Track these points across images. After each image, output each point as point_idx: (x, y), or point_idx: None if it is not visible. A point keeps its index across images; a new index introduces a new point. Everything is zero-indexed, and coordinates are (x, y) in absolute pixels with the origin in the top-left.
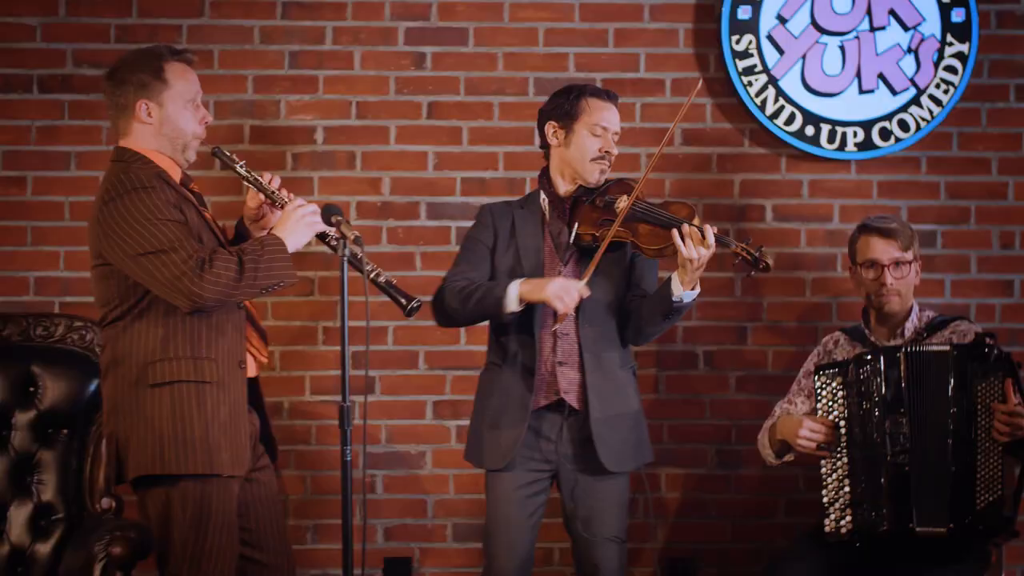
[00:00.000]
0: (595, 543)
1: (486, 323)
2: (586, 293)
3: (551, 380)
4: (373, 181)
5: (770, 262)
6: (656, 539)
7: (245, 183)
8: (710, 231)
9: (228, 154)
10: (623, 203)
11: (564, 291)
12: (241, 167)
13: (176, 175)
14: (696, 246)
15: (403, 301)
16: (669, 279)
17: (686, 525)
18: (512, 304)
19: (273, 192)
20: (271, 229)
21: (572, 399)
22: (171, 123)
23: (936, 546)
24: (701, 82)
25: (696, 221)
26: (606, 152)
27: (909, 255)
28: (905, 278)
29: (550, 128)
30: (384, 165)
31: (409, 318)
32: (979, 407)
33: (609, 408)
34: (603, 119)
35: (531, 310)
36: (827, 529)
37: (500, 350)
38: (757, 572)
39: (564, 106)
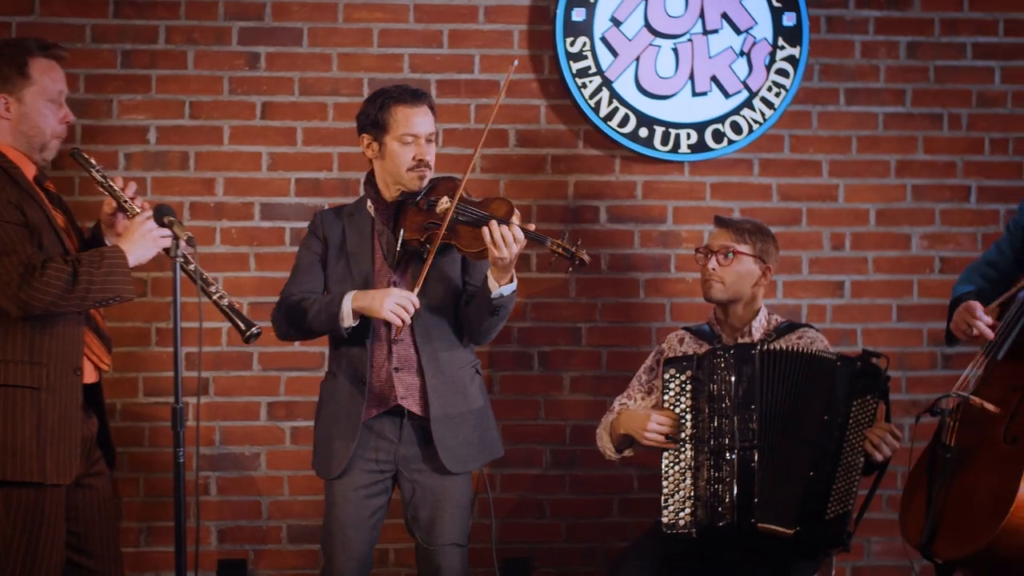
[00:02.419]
0: (437, 550)
1: None
2: (418, 304)
3: (387, 388)
4: (207, 181)
5: (585, 258)
6: (492, 539)
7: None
8: (518, 229)
9: (86, 157)
10: (444, 205)
11: (398, 306)
12: (97, 171)
13: (30, 172)
14: (503, 244)
15: (243, 327)
16: (486, 277)
17: (521, 525)
18: (347, 319)
19: (125, 200)
20: (117, 240)
21: (411, 404)
22: (29, 120)
23: (775, 547)
24: (517, 62)
25: (515, 217)
26: (420, 160)
27: (742, 247)
28: (730, 267)
29: (364, 141)
30: (218, 165)
31: (247, 343)
32: (852, 421)
33: (450, 409)
34: (412, 127)
35: (364, 321)
36: (665, 521)
37: (336, 359)
38: (591, 572)
39: (372, 116)
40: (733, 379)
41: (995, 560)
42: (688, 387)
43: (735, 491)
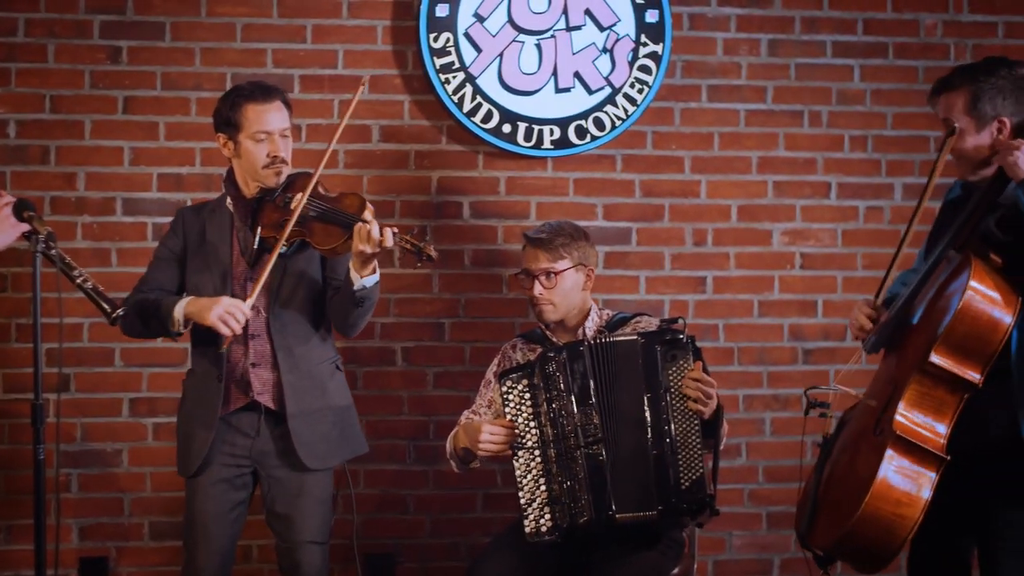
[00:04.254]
0: (296, 547)
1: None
2: (249, 314)
3: (244, 383)
4: (68, 176)
5: (433, 254)
6: (356, 536)
7: None
8: (383, 231)
9: None
10: (297, 201)
11: (228, 315)
12: None
13: None
14: (366, 243)
15: (108, 309)
16: (348, 270)
17: (384, 521)
18: (177, 324)
19: None
20: None
21: (266, 399)
22: None
23: (634, 534)
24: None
25: (368, 211)
26: (274, 157)
27: (560, 265)
28: (555, 288)
29: (220, 140)
30: (79, 160)
31: (114, 325)
32: (672, 389)
33: (307, 405)
34: (264, 124)
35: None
36: (527, 530)
37: (195, 356)
38: (455, 567)
39: (225, 115)
40: (568, 379)
41: (857, 547)
42: (526, 395)
43: (588, 488)
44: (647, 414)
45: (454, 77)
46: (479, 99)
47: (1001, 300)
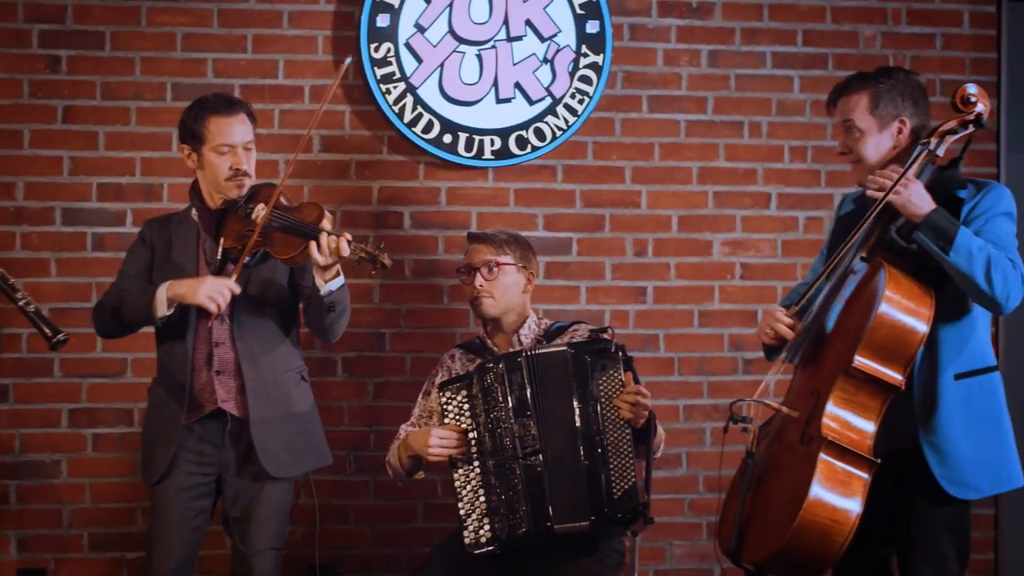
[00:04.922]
0: (252, 552)
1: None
2: (236, 290)
3: (208, 391)
4: (6, 186)
5: (387, 262)
6: (316, 546)
7: None
8: (339, 241)
9: None
10: (259, 212)
11: (215, 292)
12: None
13: None
14: (329, 256)
15: (49, 334)
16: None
17: (326, 531)
18: (161, 307)
19: None
20: None
21: (231, 406)
22: None
23: (572, 543)
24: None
25: (326, 220)
26: (237, 170)
27: (504, 258)
28: (496, 280)
29: (184, 151)
30: (17, 170)
31: (54, 350)
32: (602, 399)
33: (270, 412)
34: (227, 137)
35: (184, 325)
36: (467, 541)
37: (159, 366)
38: None
39: (189, 127)
40: (506, 390)
41: (794, 559)
42: (465, 406)
43: (527, 499)
44: (579, 424)
45: (395, 87)
46: (420, 109)
47: (916, 305)
